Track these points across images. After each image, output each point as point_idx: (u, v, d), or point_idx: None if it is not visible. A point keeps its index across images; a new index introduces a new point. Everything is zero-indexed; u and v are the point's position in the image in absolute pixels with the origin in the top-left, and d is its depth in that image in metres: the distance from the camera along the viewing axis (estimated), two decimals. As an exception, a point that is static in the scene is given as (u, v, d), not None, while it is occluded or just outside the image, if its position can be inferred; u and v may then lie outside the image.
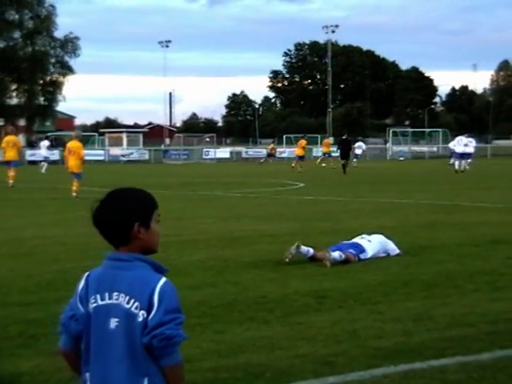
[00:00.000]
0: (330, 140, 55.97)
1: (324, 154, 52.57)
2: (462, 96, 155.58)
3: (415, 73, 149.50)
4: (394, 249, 11.49)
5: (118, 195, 3.09)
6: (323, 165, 48.75)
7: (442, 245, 12.51)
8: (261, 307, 8.02)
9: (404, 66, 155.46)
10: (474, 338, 6.67)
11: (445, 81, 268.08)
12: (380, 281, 9.48)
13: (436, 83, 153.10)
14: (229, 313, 7.77)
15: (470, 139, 44.49)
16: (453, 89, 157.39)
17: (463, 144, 42.51)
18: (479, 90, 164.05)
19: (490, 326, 7.06)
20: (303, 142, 47.02)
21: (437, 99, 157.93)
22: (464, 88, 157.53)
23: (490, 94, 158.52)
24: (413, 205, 20.63)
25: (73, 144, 24.09)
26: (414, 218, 16.97)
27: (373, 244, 11.29)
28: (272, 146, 62.77)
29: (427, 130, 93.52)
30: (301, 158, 45.57)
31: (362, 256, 11.01)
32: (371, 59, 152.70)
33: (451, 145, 44.60)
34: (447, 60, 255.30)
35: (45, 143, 52.36)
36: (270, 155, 59.52)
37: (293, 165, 45.19)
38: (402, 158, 65.09)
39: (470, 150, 43.50)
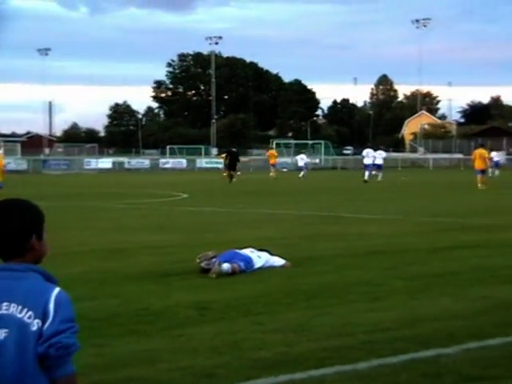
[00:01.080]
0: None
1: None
2: (343, 109, 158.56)
3: (298, 85, 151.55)
4: (279, 260, 11.58)
5: (10, 206, 3.01)
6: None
7: (322, 256, 12.69)
8: (142, 320, 7.93)
9: (287, 78, 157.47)
10: (352, 347, 6.78)
11: (327, 94, 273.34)
12: (262, 292, 9.54)
13: (318, 96, 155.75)
14: (109, 326, 7.65)
15: (380, 151, 48.42)
16: (334, 102, 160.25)
17: (371, 156, 45.91)
18: (360, 103, 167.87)
19: (367, 335, 7.19)
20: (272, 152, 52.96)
21: (319, 112, 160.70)
22: (345, 101, 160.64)
23: (370, 108, 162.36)
24: (296, 216, 20.89)
25: None
26: (297, 229, 17.17)
27: (262, 260, 11.37)
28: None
29: (310, 141, 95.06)
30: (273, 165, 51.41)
31: (248, 271, 11.05)
32: (254, 71, 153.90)
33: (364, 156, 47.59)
34: (329, 73, 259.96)
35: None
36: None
37: (271, 173, 50.46)
38: (285, 170, 65.74)
39: (380, 161, 47.25)
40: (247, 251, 11.39)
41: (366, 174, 43.95)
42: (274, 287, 9.88)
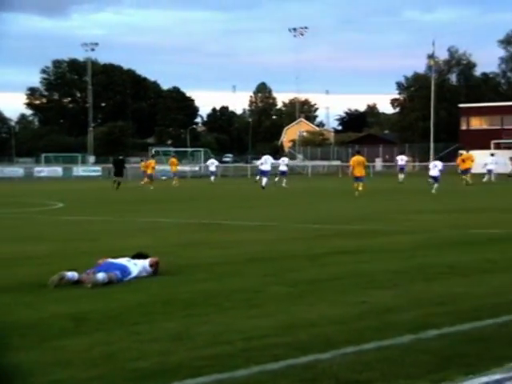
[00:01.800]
0: (175, 159, 59.21)
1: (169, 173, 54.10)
2: (222, 116, 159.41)
3: (177, 93, 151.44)
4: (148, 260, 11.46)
5: None
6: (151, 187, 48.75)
7: (201, 264, 12.62)
8: (13, 333, 7.64)
9: (165, 85, 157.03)
10: (231, 355, 6.73)
11: (206, 101, 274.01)
12: (140, 301, 9.38)
13: (197, 103, 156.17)
14: (-22, 341, 7.35)
15: (283, 158, 52.90)
16: (213, 109, 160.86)
17: (269, 162, 48.11)
18: (239, 110, 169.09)
19: (245, 342, 7.16)
20: (152, 163, 53.80)
21: (198, 119, 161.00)
22: (224, 108, 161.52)
23: (249, 115, 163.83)
24: (174, 224, 20.76)
25: None
26: (175, 238, 17.06)
27: (138, 266, 11.20)
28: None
29: (189, 149, 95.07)
30: (149, 176, 52.20)
31: (126, 279, 10.86)
32: (132, 78, 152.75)
33: (259, 163, 49.70)
34: (208, 81, 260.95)
35: None
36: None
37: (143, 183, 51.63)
38: (164, 178, 65.42)
39: (284, 168, 50.83)
40: (123, 260, 11.20)
41: (264, 180, 45.32)
42: (152, 296, 9.74)
